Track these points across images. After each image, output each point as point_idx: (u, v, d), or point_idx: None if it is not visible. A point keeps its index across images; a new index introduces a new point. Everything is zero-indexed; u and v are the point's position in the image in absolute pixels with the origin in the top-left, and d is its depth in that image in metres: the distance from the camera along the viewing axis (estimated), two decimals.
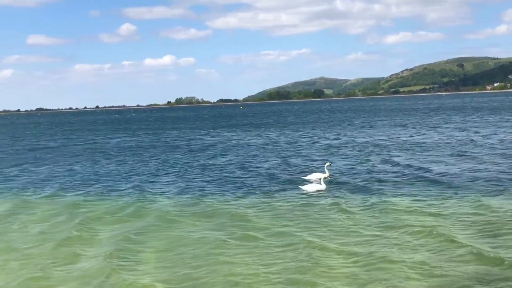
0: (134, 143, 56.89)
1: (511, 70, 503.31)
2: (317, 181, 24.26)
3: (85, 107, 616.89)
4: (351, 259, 13.38)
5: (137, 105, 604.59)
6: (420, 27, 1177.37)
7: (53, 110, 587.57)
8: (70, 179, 29.74)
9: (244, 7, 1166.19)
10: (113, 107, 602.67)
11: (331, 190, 22.69)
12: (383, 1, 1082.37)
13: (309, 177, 26.09)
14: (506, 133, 45.61)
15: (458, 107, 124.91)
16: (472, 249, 13.43)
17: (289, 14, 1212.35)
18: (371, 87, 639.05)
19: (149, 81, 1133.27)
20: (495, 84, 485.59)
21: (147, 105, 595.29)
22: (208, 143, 51.79)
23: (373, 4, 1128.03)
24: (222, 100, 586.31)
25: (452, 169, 26.62)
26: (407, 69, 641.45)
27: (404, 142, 42.32)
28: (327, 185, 23.03)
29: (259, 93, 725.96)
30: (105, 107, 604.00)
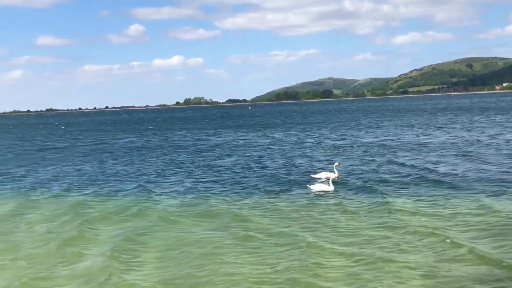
0: (141, 144, 57.13)
1: None
2: (325, 180, 24.29)
3: (95, 108, 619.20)
4: (353, 259, 13.39)
5: (146, 106, 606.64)
6: (428, 27, 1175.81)
7: (62, 110, 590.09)
8: (76, 179, 29.93)
9: (252, 7, 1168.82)
10: (122, 107, 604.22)
11: (335, 190, 22.73)
12: (392, 1, 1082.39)
13: (318, 175, 26.19)
14: None
15: (466, 107, 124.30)
16: (474, 250, 13.42)
17: (297, 14, 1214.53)
18: (379, 87, 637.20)
19: (158, 82, 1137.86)
20: (504, 84, 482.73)
21: (156, 105, 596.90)
22: (215, 144, 51.90)
23: (382, 4, 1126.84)
24: (230, 101, 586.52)
25: (457, 170, 26.58)
26: (416, 69, 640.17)
27: (410, 143, 42.23)
28: (334, 186, 22.98)
29: (267, 93, 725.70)
30: (114, 107, 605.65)
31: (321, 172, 26.89)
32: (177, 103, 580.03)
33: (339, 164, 26.15)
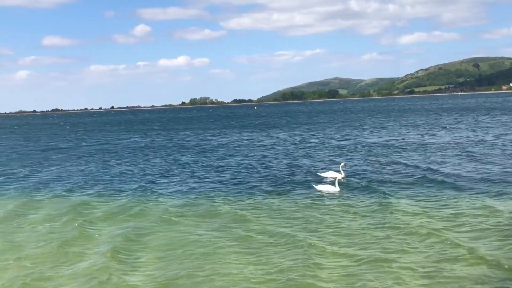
0: (144, 144, 57.22)
1: None
2: (331, 181, 24.22)
3: (100, 108, 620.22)
4: (354, 260, 13.37)
5: (152, 106, 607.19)
6: (435, 27, 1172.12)
7: (68, 110, 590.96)
8: (79, 179, 29.99)
9: (258, 7, 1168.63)
10: (128, 107, 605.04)
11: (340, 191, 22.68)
12: (398, 1, 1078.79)
13: (325, 174, 26.19)
14: None
15: (471, 107, 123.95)
16: (476, 251, 13.38)
17: (303, 14, 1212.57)
18: (386, 87, 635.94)
19: (164, 82, 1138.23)
20: (511, 84, 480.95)
21: (162, 105, 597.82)
22: (219, 144, 51.90)
23: (388, 4, 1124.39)
24: (236, 101, 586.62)
25: (460, 170, 26.49)
26: (422, 69, 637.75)
27: (414, 143, 42.11)
28: (340, 187, 22.87)
29: (273, 93, 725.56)
30: (120, 107, 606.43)
31: (328, 171, 26.83)
32: (183, 103, 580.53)
33: (344, 165, 26.10)
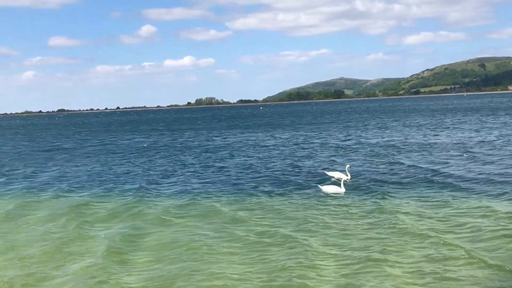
0: (147, 144, 57.33)
1: None
2: (337, 181, 24.21)
3: (106, 108, 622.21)
4: (352, 261, 13.35)
5: (158, 106, 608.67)
6: (441, 27, 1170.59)
7: (74, 111, 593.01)
8: (80, 180, 30.05)
9: (263, 7, 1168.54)
10: (133, 108, 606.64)
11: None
12: (403, 1, 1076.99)
13: (331, 174, 26.17)
14: None
15: (476, 107, 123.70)
16: (475, 253, 13.34)
17: (308, 14, 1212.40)
18: (391, 87, 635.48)
19: (170, 82, 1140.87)
20: None
21: (168, 106, 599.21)
22: (222, 144, 51.93)
23: (393, 4, 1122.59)
24: (242, 101, 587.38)
25: (463, 171, 26.42)
26: (428, 69, 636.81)
27: (417, 144, 41.99)
28: (350, 188, 22.83)
29: (279, 93, 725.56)
30: (125, 108, 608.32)
31: (335, 172, 26.81)
32: (189, 103, 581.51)
33: (350, 167, 26.12)
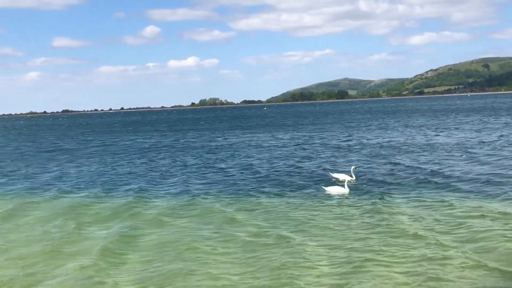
0: (149, 145, 57.49)
1: None
2: (341, 182, 24.29)
3: (110, 109, 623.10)
4: (350, 262, 13.40)
5: (162, 107, 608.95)
6: (445, 27, 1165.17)
7: (78, 111, 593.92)
8: (80, 180, 30.19)
9: (267, 8, 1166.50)
10: (137, 108, 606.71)
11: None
12: (407, 1, 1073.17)
13: (336, 175, 26.25)
14: None
15: (479, 108, 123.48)
16: (473, 254, 13.42)
17: (312, 15, 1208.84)
18: (395, 87, 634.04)
19: (173, 83, 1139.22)
20: None
21: (172, 106, 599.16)
22: (223, 145, 52.03)
23: (397, 4, 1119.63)
24: (245, 101, 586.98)
25: (460, 172, 26.47)
26: (431, 69, 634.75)
27: (418, 144, 42.05)
28: (350, 189, 22.89)
29: (282, 94, 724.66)
30: (130, 108, 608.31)
31: (339, 173, 26.88)
32: (193, 104, 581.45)
33: (355, 168, 26.21)
